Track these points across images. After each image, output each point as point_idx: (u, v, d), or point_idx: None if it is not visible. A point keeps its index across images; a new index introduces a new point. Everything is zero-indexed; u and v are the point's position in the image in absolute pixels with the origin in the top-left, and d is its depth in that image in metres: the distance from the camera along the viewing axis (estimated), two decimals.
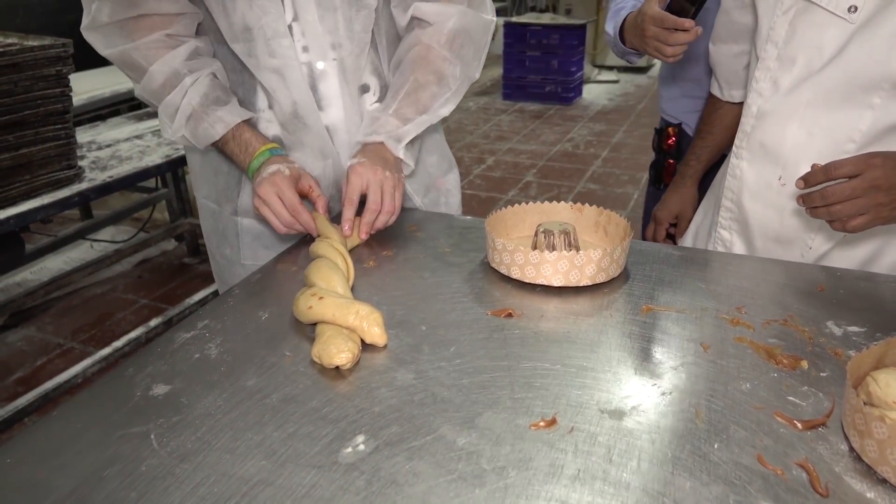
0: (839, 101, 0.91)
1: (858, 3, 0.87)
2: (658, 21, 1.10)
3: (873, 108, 0.89)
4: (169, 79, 1.04)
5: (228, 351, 0.76)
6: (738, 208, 1.08)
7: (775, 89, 0.98)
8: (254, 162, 1.04)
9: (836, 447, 0.60)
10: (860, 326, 0.79)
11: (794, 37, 0.95)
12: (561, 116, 5.61)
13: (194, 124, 1.04)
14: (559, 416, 0.64)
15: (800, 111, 0.95)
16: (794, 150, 0.97)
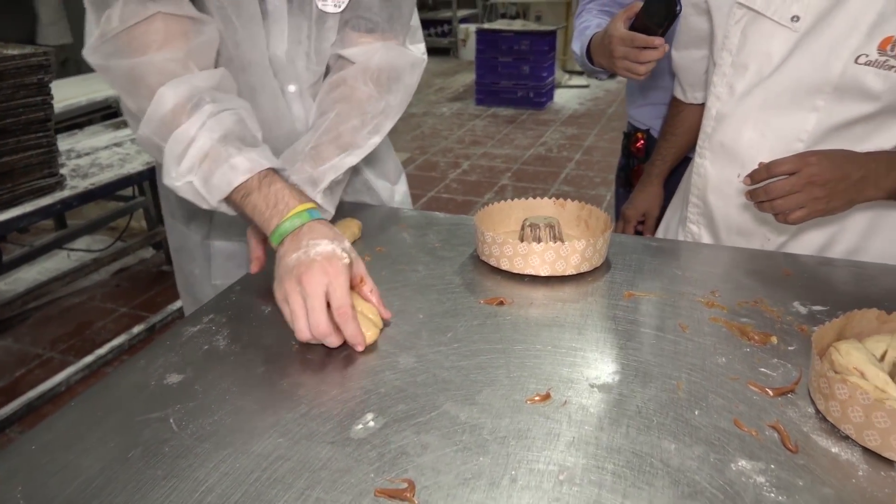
0: (787, 105, 0.99)
1: (800, 13, 0.95)
2: (627, 41, 1.15)
3: (817, 111, 0.96)
4: (183, 102, 0.83)
5: (236, 341, 0.79)
6: (704, 204, 1.15)
7: (731, 93, 1.05)
8: (286, 223, 0.80)
9: (803, 410, 0.66)
10: (823, 305, 0.86)
11: (745, 45, 1.02)
12: (534, 121, 5.71)
13: (210, 167, 0.81)
14: (553, 391, 0.69)
15: (753, 114, 1.03)
16: (749, 150, 1.04)
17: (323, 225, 0.81)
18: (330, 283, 0.75)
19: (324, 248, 0.77)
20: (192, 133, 0.82)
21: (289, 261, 0.77)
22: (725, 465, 0.59)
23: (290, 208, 0.81)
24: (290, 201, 0.82)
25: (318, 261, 0.76)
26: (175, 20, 0.85)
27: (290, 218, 0.81)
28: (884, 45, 0.89)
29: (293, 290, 0.75)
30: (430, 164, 4.65)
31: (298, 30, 0.99)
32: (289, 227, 0.80)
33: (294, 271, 0.76)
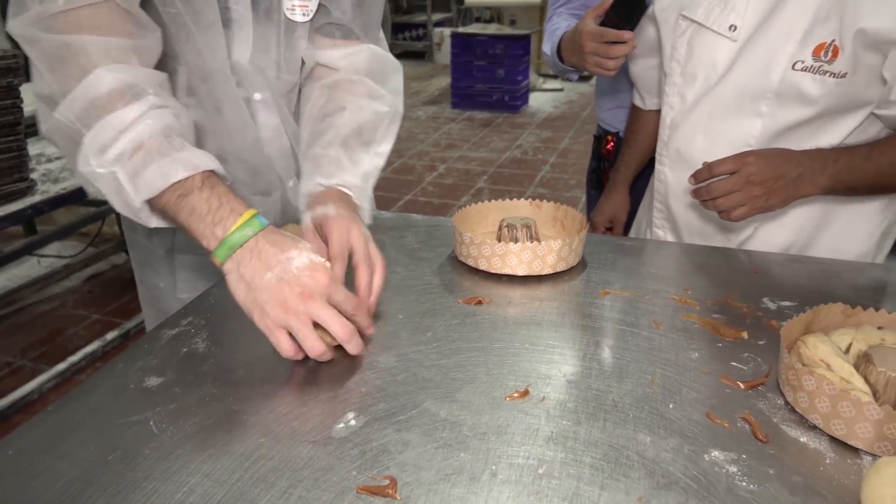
0: (734, 112, 1.03)
1: (737, 22, 0.99)
2: (596, 36, 1.17)
3: (762, 116, 1.00)
4: (123, 89, 0.73)
5: (215, 343, 0.79)
6: (667, 208, 1.18)
7: (683, 102, 1.09)
8: (235, 234, 0.70)
9: (773, 402, 0.68)
10: (791, 301, 0.88)
11: (692, 55, 1.06)
12: (509, 124, 5.75)
13: (144, 159, 0.71)
14: (531, 388, 0.70)
15: (703, 121, 1.06)
16: (702, 156, 1.07)
17: (276, 233, 0.73)
18: (329, 294, 0.71)
19: (302, 261, 0.71)
20: (128, 120, 0.72)
21: (265, 282, 0.70)
22: (699, 455, 0.61)
23: (238, 214, 0.71)
24: (236, 205, 0.72)
25: (305, 275, 0.70)
26: (123, 15, 0.78)
27: (241, 227, 0.70)
28: (818, 51, 0.93)
29: (296, 313, 0.70)
30: (406, 168, 4.66)
31: (266, 38, 0.96)
32: (240, 239, 0.70)
33: (286, 293, 0.69)
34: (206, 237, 0.71)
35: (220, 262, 0.71)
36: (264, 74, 0.99)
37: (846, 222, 1.07)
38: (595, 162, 1.71)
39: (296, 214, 1.13)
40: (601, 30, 1.15)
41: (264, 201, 1.09)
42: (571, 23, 1.40)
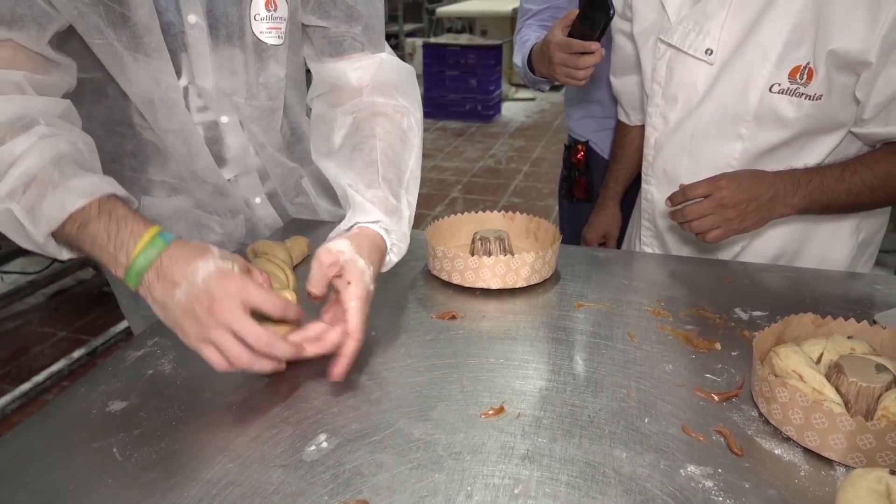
0: (715, 134, 1.04)
1: (713, 46, 1.00)
2: (564, 47, 1.18)
3: (742, 139, 1.01)
4: (11, 120, 0.70)
5: (181, 365, 0.77)
6: (655, 227, 1.19)
7: (666, 123, 1.10)
8: (139, 259, 0.66)
9: (747, 414, 0.68)
10: (763, 311, 0.89)
11: (672, 78, 1.07)
12: (482, 133, 5.76)
13: (38, 192, 0.68)
14: (506, 405, 0.70)
15: (687, 143, 1.07)
16: (688, 176, 1.07)
17: (180, 246, 0.68)
18: (244, 299, 0.66)
19: (207, 270, 0.66)
20: (16, 152, 0.68)
21: (176, 302, 0.66)
22: (675, 471, 0.60)
23: (138, 236, 0.67)
24: (136, 227, 0.68)
25: (212, 286, 0.65)
26: (26, 54, 0.76)
27: (143, 251, 0.66)
28: (793, 74, 0.94)
29: (211, 326, 0.65)
30: None
31: (230, 61, 0.93)
32: (144, 263, 0.66)
33: (196, 308, 0.65)
34: (112, 265, 0.68)
35: (133, 288, 0.68)
36: (231, 98, 0.96)
37: (828, 234, 1.08)
38: (566, 171, 1.71)
39: (264, 233, 1.11)
40: (568, 41, 1.16)
41: (230, 223, 1.07)
42: (541, 34, 1.41)
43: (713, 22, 0.99)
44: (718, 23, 0.99)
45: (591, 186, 1.65)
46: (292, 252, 1.01)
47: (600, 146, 1.63)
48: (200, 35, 0.89)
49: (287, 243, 1.02)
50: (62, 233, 0.69)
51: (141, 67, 0.85)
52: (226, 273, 0.66)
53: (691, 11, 1.02)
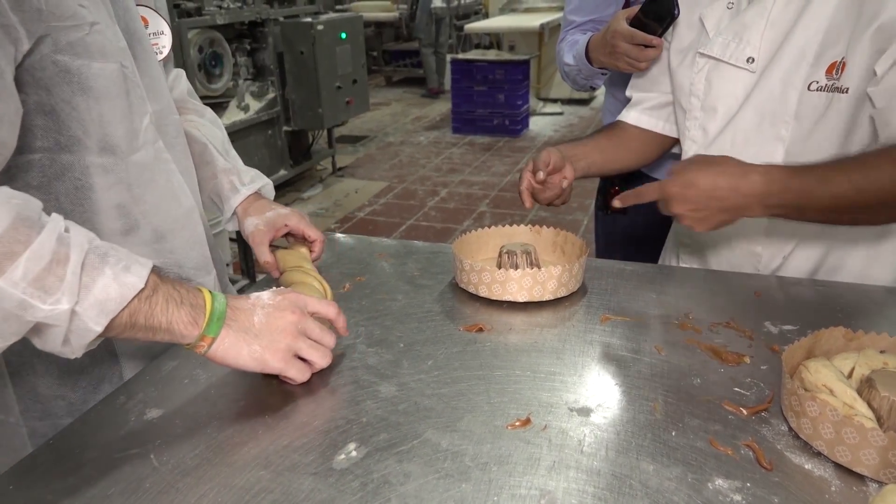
0: (755, 138, 1.04)
1: (754, 54, 1.01)
2: (628, 37, 1.20)
3: (783, 140, 1.01)
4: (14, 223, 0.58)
5: (215, 374, 0.79)
6: (692, 241, 1.19)
7: (705, 135, 1.10)
8: (216, 305, 0.70)
9: (777, 428, 0.68)
10: (793, 325, 0.88)
11: (711, 90, 1.08)
12: (510, 148, 5.78)
13: (91, 277, 0.61)
14: (533, 416, 0.70)
15: (727, 151, 1.07)
16: None
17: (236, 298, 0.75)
18: (302, 305, 0.77)
19: (265, 293, 0.76)
20: (52, 246, 0.59)
21: (259, 324, 0.72)
22: (703, 484, 0.60)
23: (197, 288, 0.71)
24: (186, 282, 0.74)
25: (279, 301, 0.75)
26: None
27: (213, 297, 0.70)
28: (830, 70, 0.94)
29: (297, 338, 0.74)
30: (408, 193, 4.68)
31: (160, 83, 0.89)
32: (221, 307, 0.71)
33: (279, 322, 0.73)
34: (183, 328, 0.67)
35: (211, 340, 0.69)
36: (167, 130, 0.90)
37: (868, 250, 1.06)
38: (602, 182, 1.71)
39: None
40: (633, 31, 1.18)
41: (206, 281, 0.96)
42: (589, 36, 1.43)
43: (753, 31, 1.01)
44: (758, 32, 1.01)
45: None
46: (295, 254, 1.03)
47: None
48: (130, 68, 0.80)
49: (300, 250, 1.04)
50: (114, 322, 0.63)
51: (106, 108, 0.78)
52: (279, 291, 0.77)
53: (731, 24, 1.04)
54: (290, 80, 4.29)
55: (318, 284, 0.93)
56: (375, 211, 4.36)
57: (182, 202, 0.89)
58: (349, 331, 0.88)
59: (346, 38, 4.45)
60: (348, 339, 0.86)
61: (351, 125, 6.46)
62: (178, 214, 0.88)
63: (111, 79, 0.76)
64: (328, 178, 5.01)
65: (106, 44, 0.75)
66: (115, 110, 0.77)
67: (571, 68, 1.49)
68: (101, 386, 0.84)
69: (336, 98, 4.42)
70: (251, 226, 1.01)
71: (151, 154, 0.83)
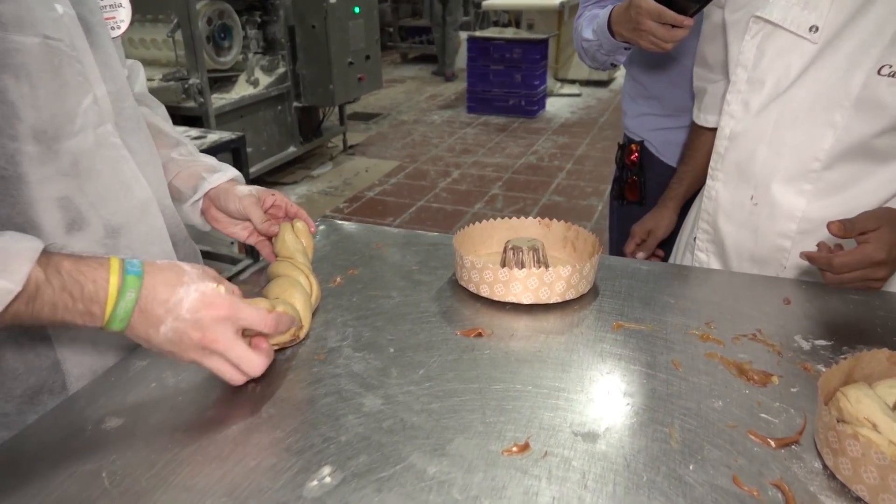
0: (804, 121, 0.93)
1: (819, 23, 0.89)
2: (655, 15, 1.10)
3: (835, 127, 0.90)
4: None
5: (185, 378, 0.72)
6: (714, 230, 1.09)
7: (746, 111, 1.00)
8: (119, 308, 0.60)
9: (809, 465, 0.60)
10: (827, 340, 0.79)
11: (762, 60, 0.96)
12: (525, 129, 5.66)
13: None
14: (532, 441, 0.62)
15: (768, 131, 0.97)
16: (763, 170, 0.98)
17: (155, 274, 0.62)
18: (235, 321, 0.64)
19: (192, 299, 0.62)
20: None
21: (163, 338, 0.62)
22: None
23: (105, 283, 0.59)
24: (94, 272, 0.59)
25: (201, 315, 0.62)
26: None
27: (120, 297, 0.59)
28: None
29: (205, 356, 0.64)
30: (420, 173, 4.59)
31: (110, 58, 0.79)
32: (126, 310, 0.60)
33: (185, 342, 0.62)
34: (86, 322, 0.60)
35: (119, 330, 0.62)
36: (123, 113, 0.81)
37: None
38: (618, 171, 1.62)
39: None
40: (661, 10, 1.08)
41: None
42: (610, 8, 1.32)
43: None
44: None
45: (643, 188, 1.56)
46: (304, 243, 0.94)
47: (656, 147, 1.53)
48: (81, 43, 0.73)
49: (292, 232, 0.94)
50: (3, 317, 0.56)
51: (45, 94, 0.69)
52: (211, 298, 0.63)
53: None
54: (301, 55, 4.19)
55: (305, 280, 0.85)
56: (385, 191, 4.28)
57: (136, 193, 0.79)
58: (337, 331, 0.81)
59: (359, 13, 4.34)
60: (334, 341, 0.79)
61: (363, 102, 6.36)
62: (131, 207, 0.78)
63: (33, 54, 0.66)
64: (338, 156, 4.93)
65: (25, 14, 0.65)
66: (41, 90, 0.67)
67: (591, 44, 1.38)
68: (38, 396, 0.73)
69: (348, 74, 4.32)
70: (244, 191, 0.91)
71: (92, 139, 0.73)
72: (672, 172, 1.49)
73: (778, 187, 0.98)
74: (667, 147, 1.51)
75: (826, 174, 0.93)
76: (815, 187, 0.95)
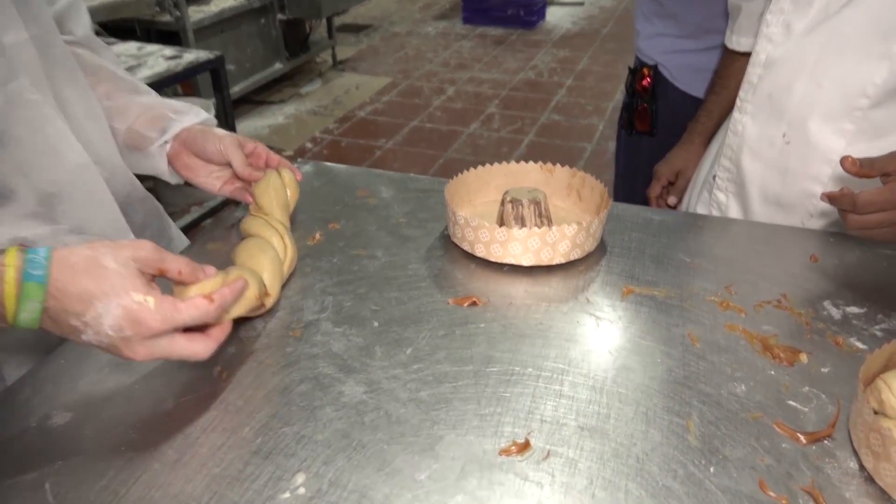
0: (855, 49, 0.81)
1: None
2: None
3: (892, 59, 0.78)
4: None
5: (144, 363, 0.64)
6: (737, 168, 0.98)
7: (787, 34, 0.87)
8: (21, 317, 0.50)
9: (844, 465, 0.53)
10: (859, 307, 0.72)
11: None
12: (523, 42, 5.38)
13: None
14: (533, 437, 0.55)
15: (811, 59, 0.84)
16: (801, 104, 0.86)
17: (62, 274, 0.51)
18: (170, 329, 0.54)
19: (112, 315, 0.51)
20: None
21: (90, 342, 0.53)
22: None
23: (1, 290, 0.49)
24: None
25: (126, 335, 0.52)
26: None
27: (20, 307, 0.50)
28: None
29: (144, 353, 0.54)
30: (413, 90, 4.39)
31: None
32: (31, 319, 0.51)
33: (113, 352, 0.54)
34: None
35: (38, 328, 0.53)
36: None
37: None
38: (628, 98, 1.49)
39: None
40: None
41: None
42: None
43: None
44: None
45: (654, 118, 1.44)
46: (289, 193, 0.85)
47: (671, 71, 1.40)
48: None
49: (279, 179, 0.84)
50: None
51: None
52: (138, 315, 0.51)
53: None
54: None
55: (279, 241, 0.76)
56: (377, 110, 4.10)
57: (68, 156, 0.68)
58: (315, 301, 0.73)
59: None
60: (312, 313, 0.71)
61: (353, 13, 6.02)
62: (64, 171, 0.68)
63: None
64: (328, 73, 4.70)
65: None
66: None
67: None
68: None
69: None
70: (223, 132, 0.82)
71: (1, 98, 0.62)
72: (688, 100, 1.36)
73: (815, 125, 0.87)
74: (683, 72, 1.38)
75: (872, 113, 0.82)
76: (857, 127, 0.84)
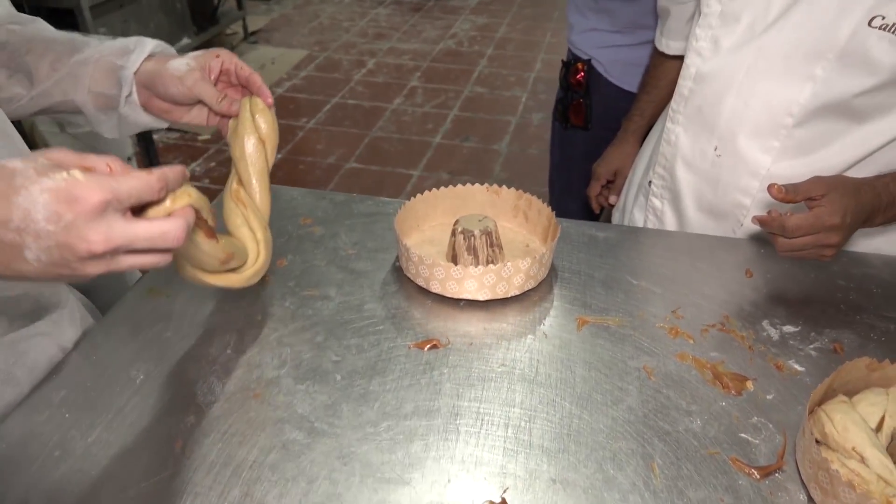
0: (780, 70, 0.84)
1: None
2: None
3: (814, 81, 0.82)
4: None
5: (72, 419, 0.61)
6: (671, 177, 1.01)
7: (716, 50, 0.89)
8: None
9: (795, 497, 0.57)
10: (794, 325, 0.77)
11: None
12: (441, 9, 5.30)
13: None
14: (508, 495, 0.57)
15: (739, 77, 0.87)
16: (730, 120, 0.89)
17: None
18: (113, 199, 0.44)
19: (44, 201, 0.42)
20: None
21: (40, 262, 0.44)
22: None
23: None
24: None
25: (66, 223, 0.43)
26: None
27: None
28: None
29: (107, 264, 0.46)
30: (332, 64, 4.26)
31: None
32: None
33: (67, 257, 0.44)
34: None
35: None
36: None
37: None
38: (562, 91, 1.50)
39: None
40: None
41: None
42: None
43: None
44: None
45: (589, 112, 1.45)
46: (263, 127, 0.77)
47: (604, 66, 1.41)
48: None
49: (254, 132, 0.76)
50: None
51: None
52: (69, 190, 0.43)
53: None
54: None
55: (252, 235, 0.71)
56: (296, 86, 3.96)
57: None
58: (273, 354, 0.71)
59: None
60: (271, 369, 0.69)
61: None
62: None
63: None
64: (240, 45, 4.47)
65: None
66: None
67: None
68: None
69: None
70: (182, 66, 0.73)
71: None
72: (621, 94, 1.39)
73: (744, 140, 0.90)
74: (615, 66, 1.40)
75: (797, 131, 0.86)
76: (783, 145, 0.88)
